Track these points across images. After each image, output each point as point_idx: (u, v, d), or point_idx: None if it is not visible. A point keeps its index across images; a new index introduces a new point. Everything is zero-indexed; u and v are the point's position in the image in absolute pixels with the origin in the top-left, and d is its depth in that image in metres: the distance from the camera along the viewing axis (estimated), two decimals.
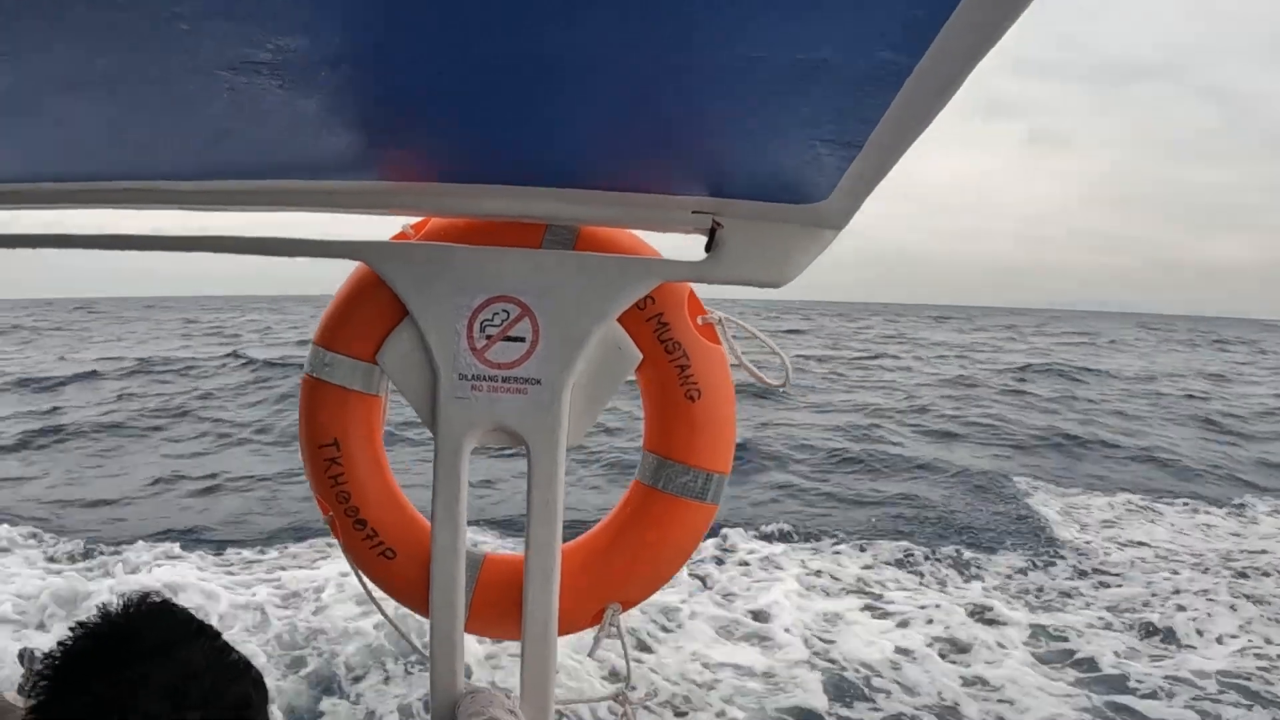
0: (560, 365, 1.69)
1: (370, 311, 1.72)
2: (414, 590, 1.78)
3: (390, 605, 1.84)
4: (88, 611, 1.07)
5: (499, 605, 1.79)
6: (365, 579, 1.82)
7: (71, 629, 1.07)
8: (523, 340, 1.69)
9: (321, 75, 1.16)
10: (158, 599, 1.12)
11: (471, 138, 1.42)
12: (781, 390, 1.93)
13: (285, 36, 0.95)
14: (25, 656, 2.25)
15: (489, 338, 1.68)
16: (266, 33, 0.93)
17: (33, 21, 0.90)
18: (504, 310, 1.68)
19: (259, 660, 5.87)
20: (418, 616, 1.82)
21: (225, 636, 1.13)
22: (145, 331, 45.29)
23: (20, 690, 2.23)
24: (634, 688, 1.91)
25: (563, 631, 1.80)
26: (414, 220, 1.78)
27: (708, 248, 1.72)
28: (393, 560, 1.78)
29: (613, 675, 6.04)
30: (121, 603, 1.08)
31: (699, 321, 1.82)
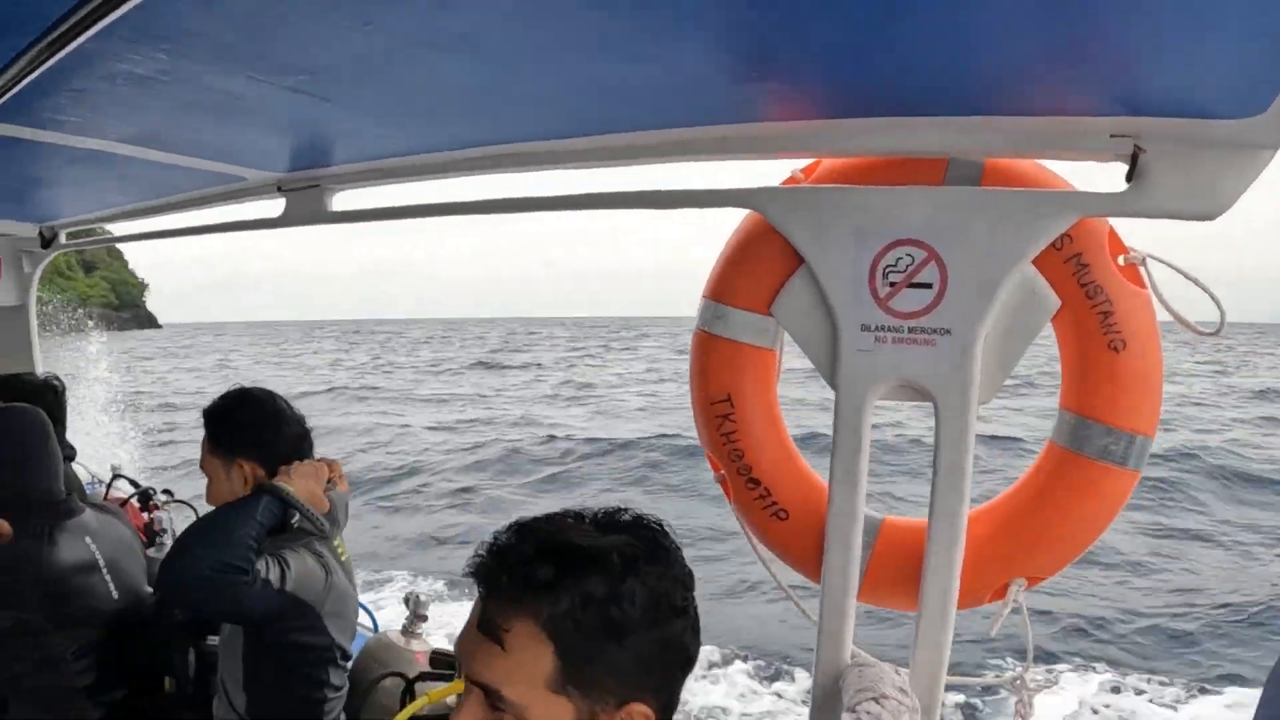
0: (971, 314, 1.55)
1: (763, 262, 1.66)
2: (806, 554, 1.71)
3: (779, 568, 1.78)
4: None
5: (896, 574, 1.69)
6: (755, 540, 1.76)
7: None
8: (929, 287, 1.56)
9: (698, 15, 1.12)
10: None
11: (860, 67, 1.32)
12: (1214, 335, 1.68)
13: None
14: (410, 600, 2.42)
15: (892, 285, 1.57)
16: None
17: None
18: (908, 255, 1.56)
19: None
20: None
21: None
22: None
23: (404, 631, 2.41)
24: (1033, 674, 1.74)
25: (961, 605, 1.67)
26: (804, 164, 1.69)
27: (1129, 177, 1.51)
28: (785, 521, 1.72)
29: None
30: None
31: (1120, 262, 1.61)
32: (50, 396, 3.00)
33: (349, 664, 2.12)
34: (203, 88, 1.53)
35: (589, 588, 0.95)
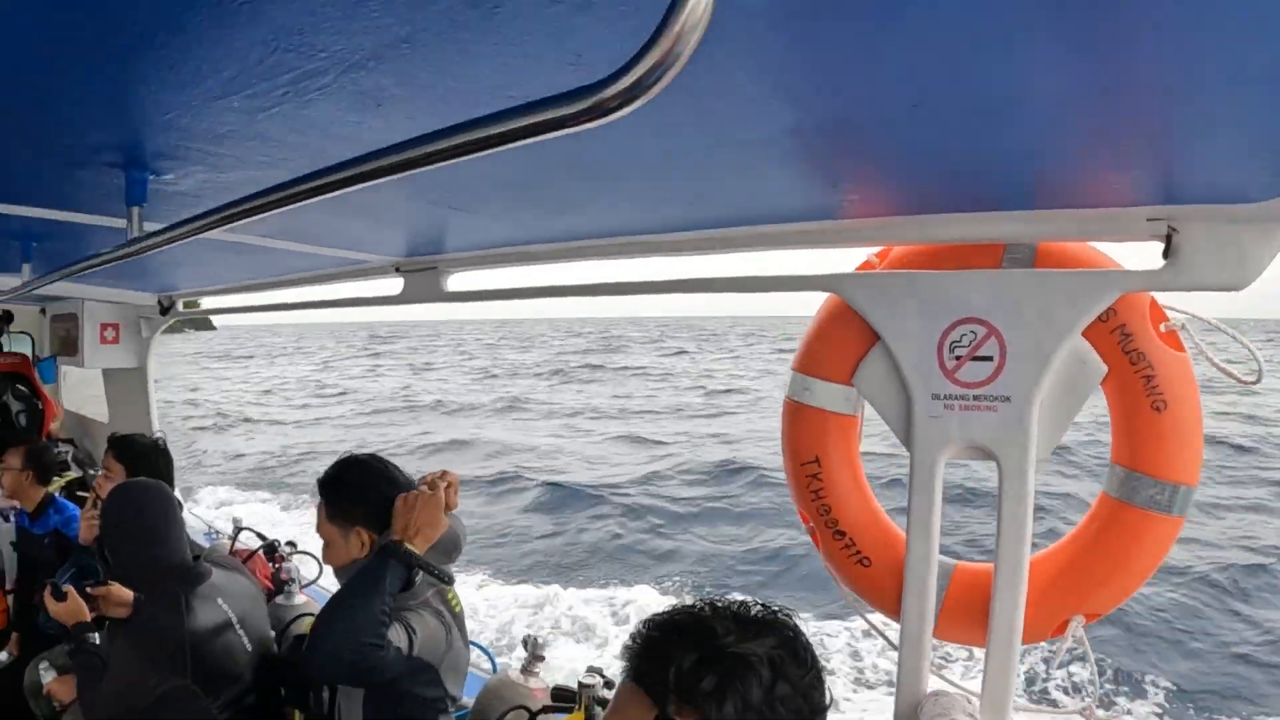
0: (1028, 382, 1.76)
1: (844, 338, 1.88)
2: (887, 595, 1.92)
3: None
4: None
5: (967, 612, 1.88)
6: (842, 584, 1.97)
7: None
8: (990, 359, 1.77)
9: (789, 139, 1.33)
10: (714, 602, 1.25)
11: (929, 171, 1.53)
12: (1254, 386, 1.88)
13: (770, 120, 1.14)
14: (529, 642, 2.63)
15: (958, 358, 1.78)
16: (746, 116, 1.14)
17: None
18: (971, 331, 1.77)
19: None
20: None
21: None
22: None
23: (523, 670, 2.62)
24: (1099, 705, 1.92)
25: (1026, 640, 1.86)
26: (876, 249, 1.91)
27: (1165, 254, 1.72)
28: (868, 567, 1.93)
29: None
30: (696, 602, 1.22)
31: (1161, 329, 1.81)
32: (160, 458, 3.25)
33: (457, 708, 2.31)
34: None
35: (749, 696, 1.09)
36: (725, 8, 0.60)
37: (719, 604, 1.20)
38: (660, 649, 1.14)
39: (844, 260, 1.92)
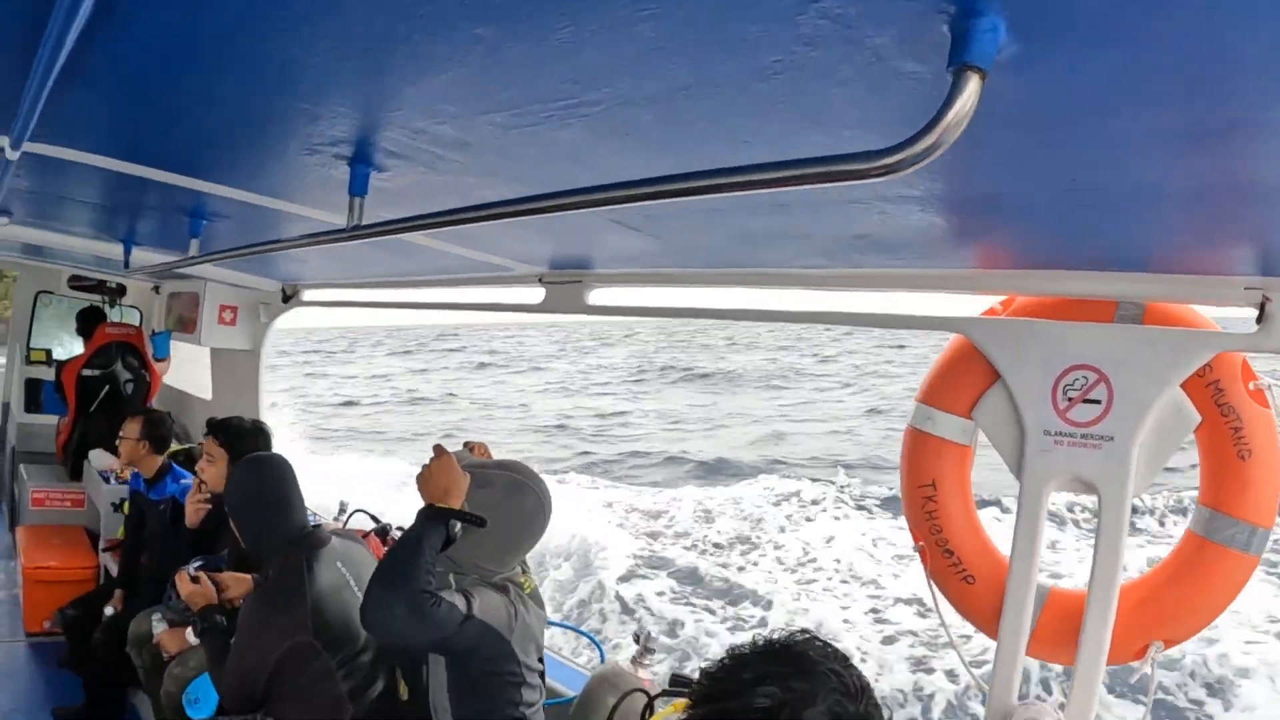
0: (1130, 425, 1.95)
1: (967, 375, 2.09)
2: (986, 613, 2.11)
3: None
4: None
5: (1058, 633, 2.06)
6: (941, 600, 2.16)
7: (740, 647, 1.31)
8: (1099, 402, 1.96)
9: (939, 203, 1.53)
10: (808, 633, 1.35)
11: (1052, 234, 1.75)
12: None
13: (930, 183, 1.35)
14: (640, 636, 2.80)
15: (1070, 400, 1.98)
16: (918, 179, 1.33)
17: None
18: (1083, 377, 1.97)
19: None
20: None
21: None
22: None
23: (633, 661, 2.79)
24: None
25: (1110, 661, 2.04)
26: (1000, 298, 2.11)
27: (1258, 319, 1.92)
28: (971, 585, 2.13)
29: None
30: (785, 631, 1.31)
31: (1250, 387, 2.01)
32: (260, 439, 3.42)
33: (539, 683, 2.48)
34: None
35: None
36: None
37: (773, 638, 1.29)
38: (731, 684, 1.24)
39: (970, 305, 2.12)
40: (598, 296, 2.77)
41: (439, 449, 2.36)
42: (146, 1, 1.23)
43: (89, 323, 6.59)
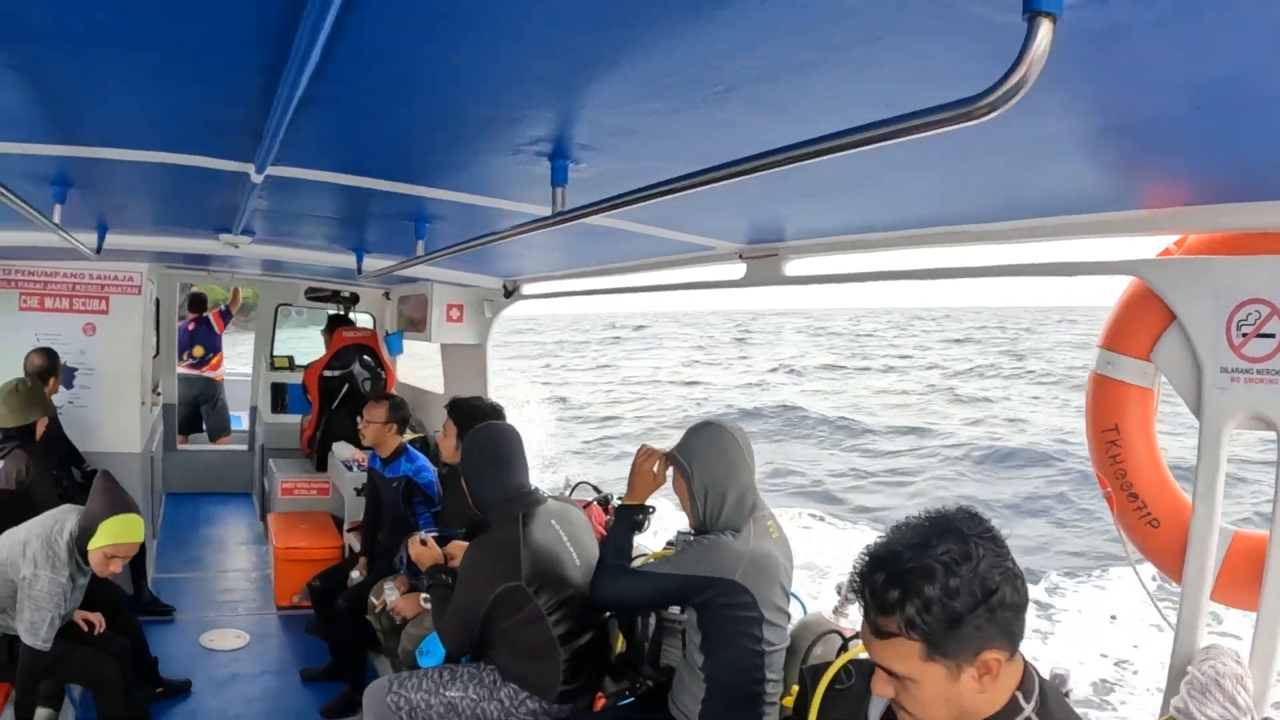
0: None
1: (1144, 318, 2.16)
2: (1171, 557, 2.14)
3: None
4: None
5: (1243, 577, 2.03)
6: (1129, 543, 2.27)
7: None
8: (1273, 336, 1.93)
9: (1098, 137, 1.57)
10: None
11: (1219, 164, 1.73)
12: None
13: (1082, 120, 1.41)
14: (840, 587, 3.09)
15: (1244, 335, 1.97)
16: (1062, 119, 1.41)
17: None
18: (1256, 311, 1.95)
19: None
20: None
21: None
22: None
23: (834, 611, 3.08)
24: None
25: None
26: (1174, 238, 2.16)
27: None
28: (1157, 529, 2.19)
29: None
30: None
31: None
32: (489, 416, 3.94)
33: (785, 623, 2.76)
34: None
35: (926, 595, 1.42)
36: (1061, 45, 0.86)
37: (910, 521, 1.55)
38: (866, 579, 1.53)
39: (1143, 248, 2.19)
40: (794, 267, 2.94)
41: (644, 450, 2.94)
42: (375, 33, 1.39)
43: (332, 328, 7.58)
